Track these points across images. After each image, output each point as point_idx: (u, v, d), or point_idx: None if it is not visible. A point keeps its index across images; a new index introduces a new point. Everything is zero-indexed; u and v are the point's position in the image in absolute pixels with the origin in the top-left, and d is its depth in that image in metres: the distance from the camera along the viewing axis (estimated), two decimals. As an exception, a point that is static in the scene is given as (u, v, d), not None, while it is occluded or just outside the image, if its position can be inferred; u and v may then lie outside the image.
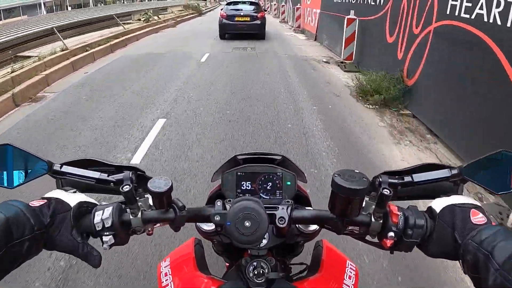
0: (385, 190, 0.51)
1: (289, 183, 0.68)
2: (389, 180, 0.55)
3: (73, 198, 0.53)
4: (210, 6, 32.91)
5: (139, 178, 0.57)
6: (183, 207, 0.54)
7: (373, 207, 0.53)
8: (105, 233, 0.51)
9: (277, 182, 0.68)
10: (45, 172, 0.55)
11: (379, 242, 0.55)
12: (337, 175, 0.50)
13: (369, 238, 0.56)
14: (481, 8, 2.53)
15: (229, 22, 9.92)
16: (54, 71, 5.50)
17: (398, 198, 0.59)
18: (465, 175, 0.54)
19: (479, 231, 0.46)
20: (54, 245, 0.51)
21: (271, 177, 0.68)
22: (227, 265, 0.87)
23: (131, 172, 0.56)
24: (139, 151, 3.03)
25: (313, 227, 0.66)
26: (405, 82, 3.92)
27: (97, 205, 0.54)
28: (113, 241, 0.51)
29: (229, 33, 10.32)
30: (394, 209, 0.53)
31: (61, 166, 0.56)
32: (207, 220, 0.56)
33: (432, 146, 3.22)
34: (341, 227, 0.55)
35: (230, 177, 0.68)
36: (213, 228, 0.66)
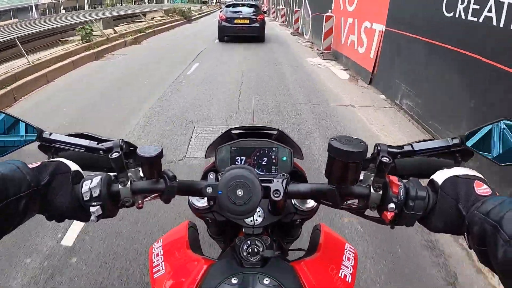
0: (384, 158, 0.50)
1: (285, 158, 0.68)
2: (388, 149, 0.54)
3: (71, 164, 0.54)
4: (206, 10, 31.09)
5: (130, 152, 0.57)
6: (173, 177, 0.54)
7: (372, 179, 0.52)
8: (93, 204, 0.50)
9: (273, 157, 0.68)
10: (34, 138, 0.55)
11: (379, 216, 0.54)
12: (334, 139, 0.49)
13: (368, 212, 0.56)
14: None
15: (228, 24, 10.12)
16: None
17: (399, 176, 0.58)
18: (467, 144, 0.54)
19: (485, 202, 0.44)
20: (51, 207, 0.51)
21: (267, 152, 0.68)
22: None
23: (121, 140, 0.56)
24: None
25: (310, 204, 0.66)
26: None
27: (86, 176, 0.54)
28: (100, 212, 0.51)
29: (228, 35, 10.46)
30: (394, 179, 0.52)
31: (51, 134, 0.57)
32: (199, 193, 0.55)
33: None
34: (339, 199, 0.53)
35: (224, 152, 0.68)
36: (206, 204, 0.66)
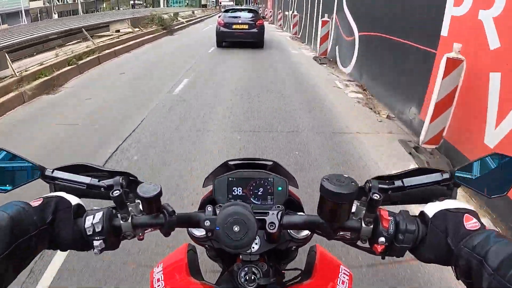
0: (375, 195, 0.54)
1: (280, 188, 0.72)
2: (379, 185, 0.58)
3: (72, 198, 0.59)
4: (200, 15, 28.46)
5: (130, 183, 0.62)
6: (173, 212, 0.58)
7: (364, 212, 0.57)
8: (96, 238, 0.55)
9: (268, 187, 0.73)
10: (37, 176, 0.60)
11: (370, 247, 0.58)
12: (326, 179, 0.53)
13: (360, 243, 0.60)
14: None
15: (226, 30, 10.23)
16: None
17: (391, 203, 0.63)
18: (457, 179, 0.58)
19: (472, 237, 0.48)
20: (57, 241, 0.55)
21: (263, 182, 0.73)
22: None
23: (121, 177, 0.60)
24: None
25: (305, 232, 0.70)
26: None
27: (88, 210, 0.58)
28: (103, 246, 0.55)
29: (226, 41, 10.57)
30: (384, 214, 0.56)
31: (53, 171, 0.62)
32: (198, 225, 0.60)
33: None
34: (331, 232, 0.58)
35: (221, 182, 0.73)
36: (204, 233, 0.71)
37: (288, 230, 0.71)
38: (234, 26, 10.23)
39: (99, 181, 0.61)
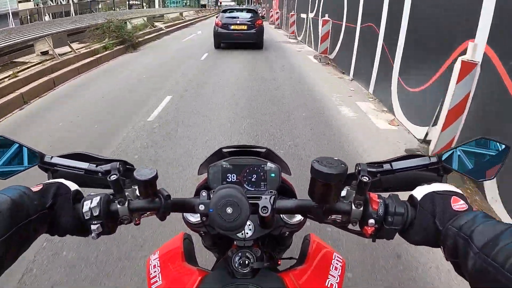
0: (364, 177, 0.58)
1: (273, 175, 0.77)
2: (368, 168, 0.62)
3: (71, 184, 0.63)
4: (192, 17, 26.10)
5: (127, 171, 0.66)
6: (168, 197, 0.62)
7: (354, 196, 0.60)
8: (93, 222, 0.59)
9: (262, 174, 0.77)
10: (36, 163, 0.64)
11: (360, 230, 0.62)
12: (316, 161, 0.56)
13: (351, 226, 0.64)
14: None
15: (224, 31, 10.27)
16: None
17: (381, 190, 0.67)
18: (445, 162, 0.62)
19: (459, 217, 0.51)
20: (56, 226, 0.59)
21: (256, 169, 0.77)
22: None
23: (118, 162, 0.65)
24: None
25: (298, 218, 0.75)
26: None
27: (86, 196, 0.63)
28: (100, 230, 0.59)
29: (224, 42, 10.63)
30: (374, 196, 0.60)
31: (52, 157, 0.66)
32: (193, 210, 0.64)
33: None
34: (322, 215, 0.62)
35: (215, 169, 0.78)
36: (199, 220, 0.75)
37: (281, 215, 0.75)
38: (232, 26, 10.24)
39: (96, 167, 0.65)
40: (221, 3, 56.48)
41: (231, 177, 0.78)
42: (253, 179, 0.78)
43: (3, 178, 0.62)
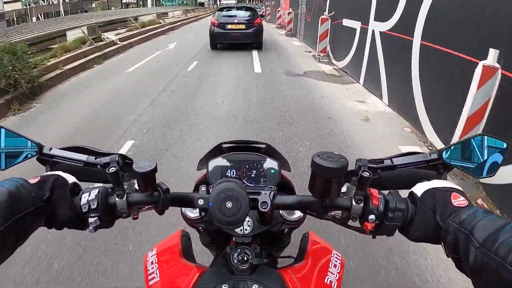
0: (365, 172, 0.59)
1: (273, 171, 0.80)
2: (369, 164, 0.64)
3: (69, 176, 0.65)
4: (178, 19, 22.16)
5: (126, 165, 0.68)
6: (167, 190, 0.64)
7: (354, 191, 0.62)
8: (91, 215, 0.60)
9: (261, 170, 0.80)
10: (35, 154, 0.66)
11: (360, 226, 0.63)
12: (317, 156, 0.58)
13: (351, 223, 0.65)
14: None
15: (221, 31, 10.10)
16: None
17: (382, 187, 0.68)
18: (444, 159, 0.64)
19: (459, 213, 0.53)
20: (54, 219, 0.61)
21: (256, 165, 0.80)
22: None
23: (117, 155, 0.67)
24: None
25: (297, 214, 0.77)
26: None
27: (84, 188, 0.64)
28: (98, 223, 0.61)
29: (221, 43, 10.46)
30: (374, 192, 0.61)
31: (50, 149, 0.68)
32: (192, 204, 0.66)
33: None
34: (322, 211, 0.64)
35: (215, 165, 0.80)
36: (198, 215, 0.77)
37: (280, 211, 0.77)
38: (229, 26, 10.08)
39: (95, 159, 0.68)
40: (220, 1, 55.35)
41: (231, 173, 0.80)
42: (252, 175, 0.80)
43: (1, 169, 0.64)
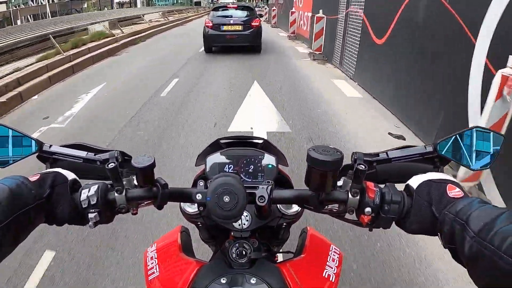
0: (361, 165, 0.63)
1: (270, 166, 0.84)
2: (364, 157, 0.67)
3: (68, 173, 0.68)
4: (167, 20, 20.27)
5: (125, 161, 0.72)
6: (166, 186, 0.68)
7: (350, 184, 0.64)
8: (91, 211, 0.64)
9: (259, 165, 0.84)
10: (35, 151, 0.70)
11: (357, 219, 0.67)
12: (312, 149, 0.60)
13: (348, 216, 0.69)
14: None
15: (216, 32, 9.73)
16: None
17: (378, 181, 0.71)
18: (440, 152, 0.68)
19: (455, 203, 0.55)
20: (54, 216, 0.64)
21: (253, 160, 0.84)
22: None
23: (116, 151, 0.70)
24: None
25: (295, 208, 0.81)
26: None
27: (84, 184, 0.68)
28: (98, 219, 0.64)
29: (216, 46, 10.19)
30: (370, 185, 0.64)
31: (50, 146, 0.72)
32: (190, 199, 0.70)
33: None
34: (319, 204, 0.67)
35: (213, 160, 0.85)
36: (197, 210, 0.81)
37: (278, 206, 0.81)
38: (224, 27, 9.67)
39: (95, 155, 0.71)
40: (217, 1, 53.98)
41: (229, 168, 0.84)
42: (250, 170, 0.84)
43: (1, 166, 0.68)
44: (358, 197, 0.64)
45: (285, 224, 0.86)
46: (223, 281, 0.70)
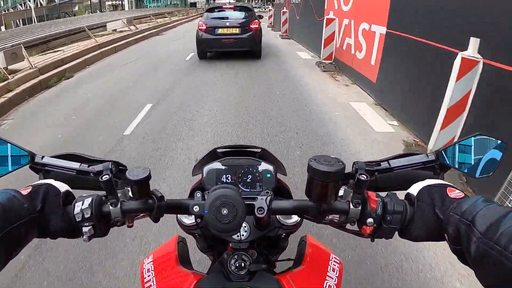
0: (362, 175, 0.63)
1: (268, 175, 0.85)
2: (366, 167, 0.69)
3: (61, 185, 0.68)
4: (155, 24, 18.67)
5: (120, 172, 0.72)
6: (162, 198, 0.68)
7: (351, 195, 0.65)
8: (85, 224, 0.64)
9: (257, 174, 0.85)
10: (27, 162, 0.71)
11: (359, 230, 0.67)
12: (313, 160, 0.61)
13: (349, 226, 0.69)
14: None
15: (210, 36, 9.00)
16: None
17: (379, 189, 0.73)
18: (442, 160, 0.69)
19: (459, 203, 0.56)
20: (47, 230, 0.64)
21: (251, 169, 0.85)
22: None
23: (111, 163, 0.71)
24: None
25: (294, 219, 0.82)
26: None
27: (78, 197, 0.68)
28: (92, 232, 0.64)
29: (211, 51, 9.64)
30: (372, 195, 0.65)
31: (43, 157, 0.73)
32: (187, 211, 0.70)
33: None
34: (319, 215, 0.67)
35: (210, 170, 0.86)
36: (194, 221, 0.82)
37: (277, 216, 0.82)
38: (220, 30, 8.94)
39: (88, 167, 0.72)
40: (214, 1, 51.50)
41: (226, 178, 0.85)
42: (248, 180, 0.85)
43: None
44: (359, 208, 0.65)
45: (284, 234, 0.87)
46: None
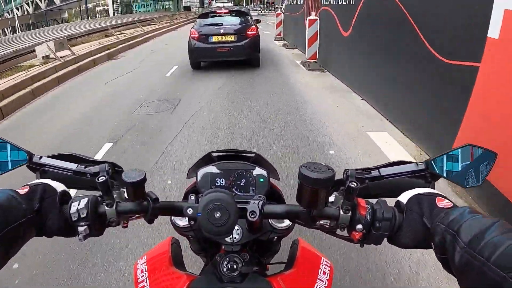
0: (353, 183, 0.66)
1: (262, 180, 0.90)
2: (356, 174, 0.72)
3: (58, 184, 0.72)
4: (133, 34, 16.49)
5: (116, 173, 0.76)
6: (156, 200, 0.73)
7: (342, 201, 0.68)
8: (81, 224, 0.68)
9: (250, 179, 0.90)
10: (25, 162, 0.75)
11: (348, 235, 0.71)
12: (304, 167, 0.64)
13: (339, 232, 0.74)
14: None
15: (203, 45, 8.49)
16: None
17: (371, 196, 0.77)
18: (432, 169, 0.73)
19: (447, 213, 0.59)
20: (44, 229, 0.68)
21: (245, 174, 0.90)
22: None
23: (107, 164, 0.75)
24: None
25: (286, 223, 0.87)
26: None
27: (74, 197, 0.72)
28: (88, 232, 0.68)
29: (205, 61, 9.14)
30: (362, 202, 0.69)
31: (40, 157, 0.77)
32: (181, 213, 0.74)
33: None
34: (310, 220, 0.71)
35: (204, 174, 0.90)
36: (187, 223, 0.87)
37: (269, 220, 0.87)
38: (214, 38, 8.44)
39: (85, 168, 0.76)
40: (210, 4, 49.06)
41: (220, 182, 0.90)
42: (241, 184, 0.90)
43: None
44: (349, 214, 0.69)
45: (276, 238, 0.91)
46: None
